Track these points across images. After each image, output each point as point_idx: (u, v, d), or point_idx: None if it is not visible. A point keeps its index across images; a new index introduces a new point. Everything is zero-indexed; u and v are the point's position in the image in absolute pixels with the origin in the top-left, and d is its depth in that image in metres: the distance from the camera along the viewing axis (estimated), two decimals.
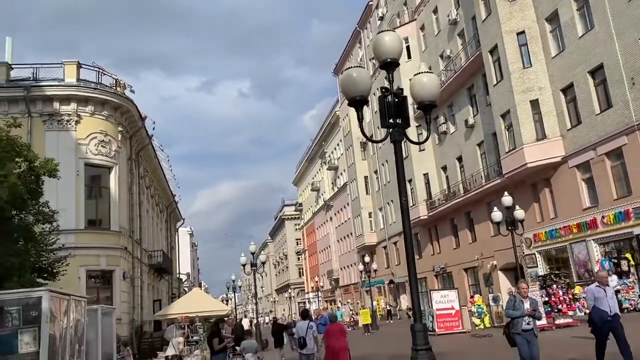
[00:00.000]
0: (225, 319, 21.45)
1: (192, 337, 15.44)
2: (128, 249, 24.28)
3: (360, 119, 6.25)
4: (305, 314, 11.85)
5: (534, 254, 25.09)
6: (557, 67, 23.24)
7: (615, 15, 19.80)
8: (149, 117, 27.63)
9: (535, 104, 23.84)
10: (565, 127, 22.93)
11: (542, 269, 24.60)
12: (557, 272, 23.10)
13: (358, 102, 6.03)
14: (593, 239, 21.58)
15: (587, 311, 11.61)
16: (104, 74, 24.71)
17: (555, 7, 23.07)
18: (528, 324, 8.13)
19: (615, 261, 20.26)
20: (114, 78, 25.26)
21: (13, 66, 23.14)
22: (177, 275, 48.85)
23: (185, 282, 60.64)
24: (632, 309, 18.48)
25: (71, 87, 22.37)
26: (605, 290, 9.05)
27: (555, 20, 23.35)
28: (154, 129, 29.37)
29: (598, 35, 20.78)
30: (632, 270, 19.56)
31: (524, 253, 25.12)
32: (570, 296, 20.75)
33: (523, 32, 24.43)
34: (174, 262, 44.56)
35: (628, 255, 19.86)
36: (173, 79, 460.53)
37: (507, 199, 18.65)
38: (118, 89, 24.88)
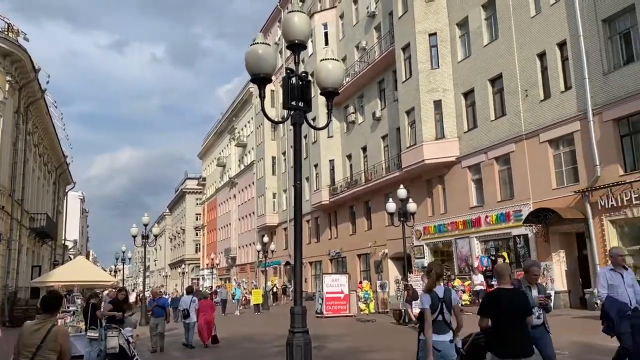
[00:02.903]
0: (107, 291, 20.55)
1: (68, 307, 14.60)
2: (6, 209, 22.42)
3: (263, 97, 6.13)
4: (189, 290, 13.37)
5: (422, 245, 26.48)
6: (461, 71, 24.46)
7: (518, 30, 21.16)
8: (44, 69, 25.52)
9: (438, 104, 24.96)
10: (462, 129, 24.26)
11: (427, 260, 26.02)
12: (440, 264, 24.51)
13: (261, 80, 5.94)
14: (476, 236, 23.16)
15: (598, 302, 9.65)
16: None
17: (466, 13, 24.20)
18: (538, 317, 6.21)
19: (493, 258, 21.91)
20: (6, 22, 23.03)
21: None
22: (63, 242, 45.94)
23: (72, 250, 57.19)
24: None
25: None
26: (622, 275, 7.08)
27: (465, 26, 24.51)
28: (47, 82, 27.07)
29: (501, 46, 22.10)
30: None
31: (413, 244, 26.44)
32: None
33: (435, 33, 25.39)
34: (59, 228, 41.85)
35: (504, 254, 21.54)
36: (80, 32, 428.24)
37: (402, 192, 19.45)
38: (10, 34, 22.72)
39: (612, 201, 16.80)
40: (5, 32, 22.44)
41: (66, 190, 46.61)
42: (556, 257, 19.42)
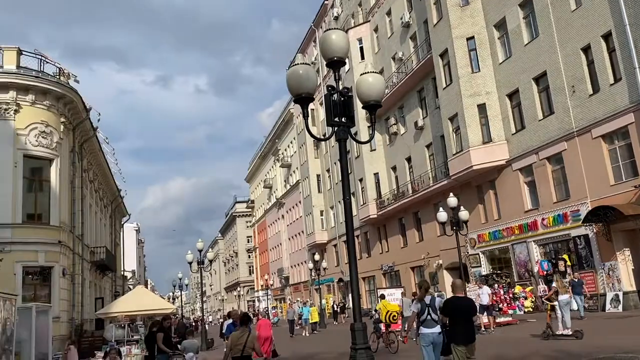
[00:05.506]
0: (172, 317, 21.02)
1: (132, 336, 14.99)
2: (68, 245, 23.36)
3: (306, 116, 6.20)
4: (229, 315, 14.46)
5: (478, 254, 25.80)
6: (503, 73, 23.96)
7: (559, 25, 20.60)
8: (95, 108, 26.68)
9: (482, 108, 24.49)
10: (510, 132, 23.67)
11: (485, 268, 25.32)
12: (499, 272, 23.80)
13: (304, 99, 6.00)
14: (533, 240, 22.40)
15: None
16: (47, 62, 23.61)
17: (503, 14, 23.77)
18: None
19: (554, 262, 21.09)
20: (57, 67, 24.20)
21: None
22: (122, 273, 47.45)
23: (130, 280, 58.99)
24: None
25: (10, 75, 21.24)
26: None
27: (503, 27, 24.06)
28: (99, 120, 28.26)
29: (542, 43, 21.55)
30: (569, 270, 20.41)
31: (468, 253, 25.79)
32: (510, 295, 21.41)
33: (472, 37, 25.04)
34: (118, 259, 43.26)
35: (565, 256, 20.71)
36: (127, 72, 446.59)
37: (452, 200, 19.06)
38: (62, 78, 23.86)
39: None
40: (58, 76, 23.61)
41: (122, 223, 48.19)
42: (621, 256, 18.51)
